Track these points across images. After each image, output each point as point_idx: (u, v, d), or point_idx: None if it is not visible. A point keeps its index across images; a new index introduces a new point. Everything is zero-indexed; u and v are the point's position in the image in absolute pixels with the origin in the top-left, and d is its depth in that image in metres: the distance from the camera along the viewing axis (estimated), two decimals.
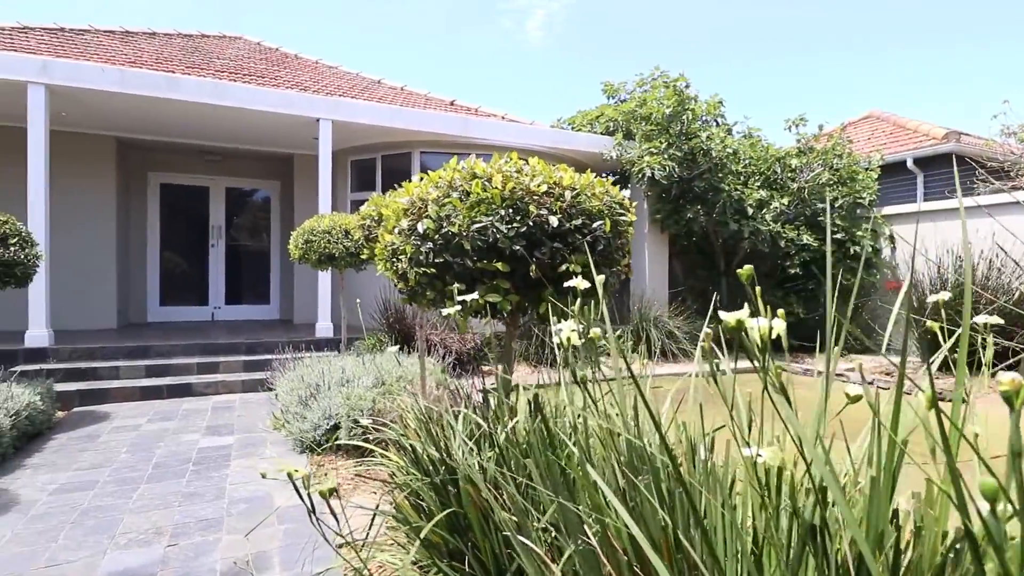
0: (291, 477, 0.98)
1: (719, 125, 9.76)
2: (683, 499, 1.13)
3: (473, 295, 1.65)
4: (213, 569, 2.33)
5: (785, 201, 8.91)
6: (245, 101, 6.90)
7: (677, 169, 8.56)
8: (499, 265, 1.97)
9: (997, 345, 1.26)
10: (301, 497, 1.00)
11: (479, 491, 1.47)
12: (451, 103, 9.75)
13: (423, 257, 2.00)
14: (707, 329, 1.10)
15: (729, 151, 8.85)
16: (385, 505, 2.42)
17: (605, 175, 6.36)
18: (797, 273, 8.98)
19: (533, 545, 1.24)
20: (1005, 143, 9.12)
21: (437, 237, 1.98)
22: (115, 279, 8.19)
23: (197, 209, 9.59)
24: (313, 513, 1.07)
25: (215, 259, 9.65)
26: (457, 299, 1.69)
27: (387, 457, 2.31)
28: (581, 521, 1.19)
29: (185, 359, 6.16)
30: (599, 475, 1.30)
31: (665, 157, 8.54)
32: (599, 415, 1.38)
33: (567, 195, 2.04)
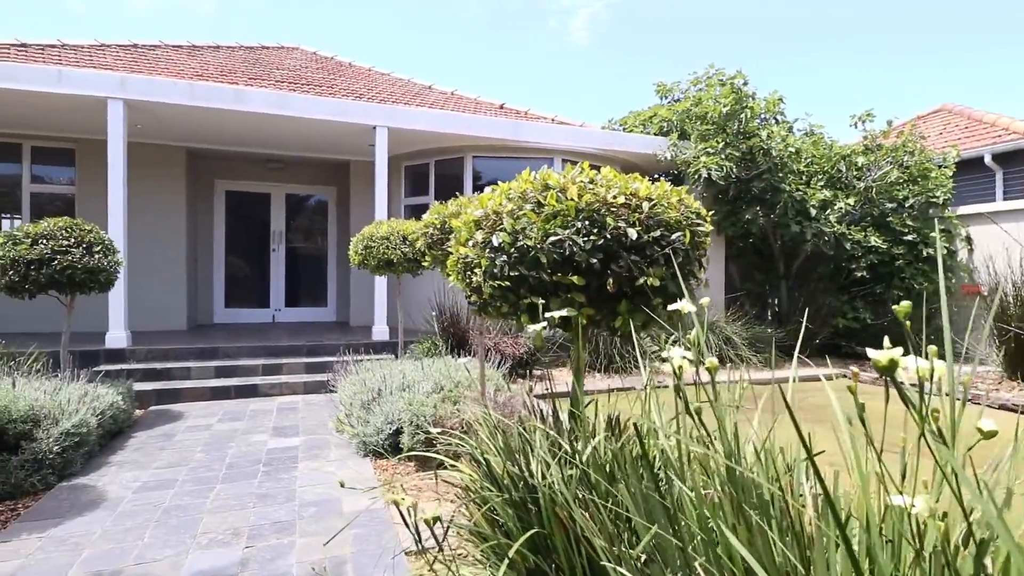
0: (398, 505, 0.98)
1: (779, 123, 9.44)
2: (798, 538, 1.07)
3: (561, 311, 1.63)
4: (290, 573, 2.39)
5: (851, 201, 8.52)
6: (305, 110, 7.12)
7: (735, 169, 8.32)
8: (575, 278, 1.94)
9: None
10: (407, 525, 1.01)
11: (567, 512, 1.45)
12: (501, 106, 9.77)
13: (498, 270, 1.99)
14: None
15: (791, 150, 8.53)
16: (449, 512, 2.42)
17: (658, 177, 6.23)
18: (864, 276, 8.58)
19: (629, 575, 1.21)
20: None
21: (512, 250, 1.97)
22: (185, 282, 8.58)
23: (259, 215, 9.95)
24: (420, 543, 1.06)
25: (275, 263, 9.99)
26: (544, 315, 1.67)
27: (458, 468, 2.32)
28: (682, 551, 1.15)
29: (250, 360, 6.39)
30: (709, 509, 1.25)
31: (722, 157, 8.31)
32: (697, 441, 1.33)
33: (644, 206, 1.99)
